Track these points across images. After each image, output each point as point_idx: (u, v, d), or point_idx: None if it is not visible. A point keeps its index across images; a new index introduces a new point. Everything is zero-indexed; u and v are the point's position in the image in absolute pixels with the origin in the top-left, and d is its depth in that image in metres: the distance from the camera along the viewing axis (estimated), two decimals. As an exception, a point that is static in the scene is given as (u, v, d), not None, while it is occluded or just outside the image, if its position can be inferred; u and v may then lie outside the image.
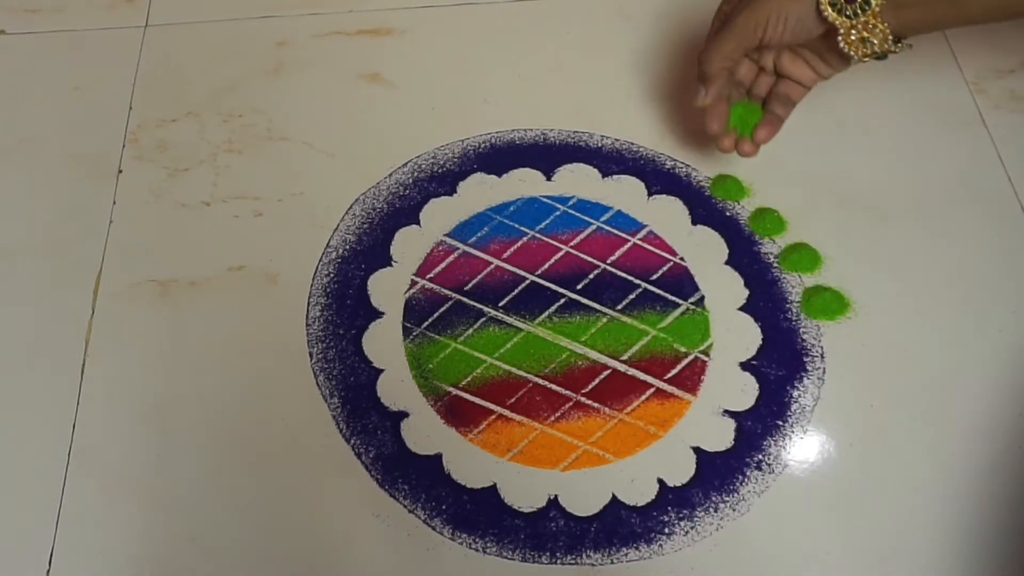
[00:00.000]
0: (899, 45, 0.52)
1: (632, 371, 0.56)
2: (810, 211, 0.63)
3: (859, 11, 0.51)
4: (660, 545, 0.51)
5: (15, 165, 0.65)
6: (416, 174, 0.64)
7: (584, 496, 0.52)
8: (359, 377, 0.56)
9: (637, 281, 0.60)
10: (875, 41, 0.52)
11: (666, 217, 0.62)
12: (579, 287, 0.59)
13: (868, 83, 0.69)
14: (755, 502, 0.52)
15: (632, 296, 0.59)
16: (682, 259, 0.61)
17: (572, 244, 0.61)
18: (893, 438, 0.54)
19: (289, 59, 0.71)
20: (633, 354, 0.57)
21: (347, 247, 0.61)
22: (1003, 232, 0.62)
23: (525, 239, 0.61)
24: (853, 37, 0.52)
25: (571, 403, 0.55)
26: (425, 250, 0.61)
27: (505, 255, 0.61)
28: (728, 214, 0.63)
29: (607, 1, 0.74)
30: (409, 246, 0.61)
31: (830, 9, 0.52)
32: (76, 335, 0.58)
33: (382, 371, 0.56)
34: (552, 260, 0.60)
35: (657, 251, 0.61)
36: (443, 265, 0.60)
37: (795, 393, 0.56)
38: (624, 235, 0.62)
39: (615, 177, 0.64)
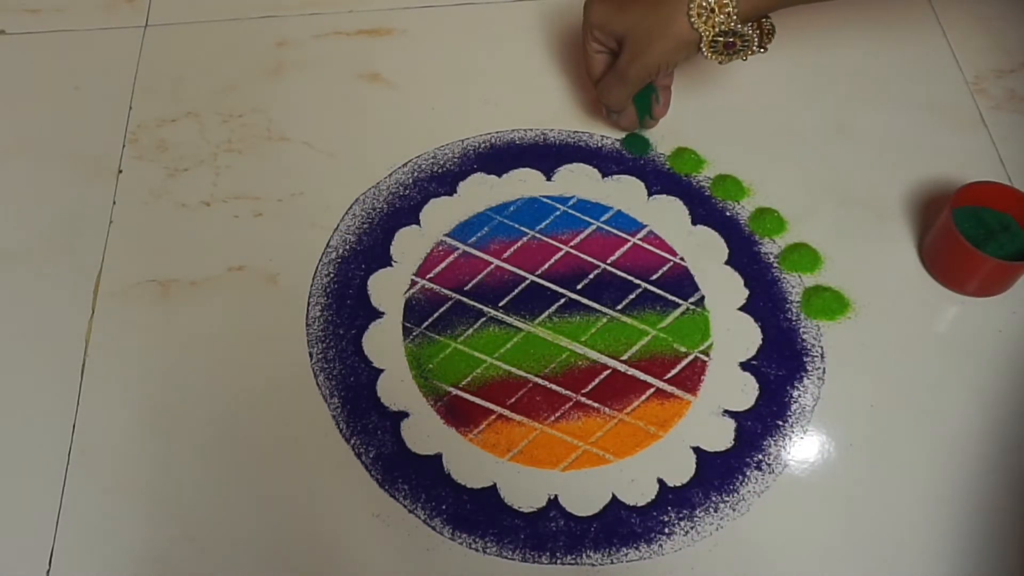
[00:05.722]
0: (756, 37, 0.55)
1: (632, 371, 0.56)
2: (810, 211, 0.63)
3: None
4: (660, 545, 0.51)
5: (15, 165, 0.65)
6: (416, 174, 0.64)
7: (584, 496, 0.52)
8: (359, 377, 0.56)
9: (637, 281, 0.60)
10: (720, 17, 0.53)
11: (666, 217, 0.62)
12: (579, 287, 0.59)
13: (868, 83, 0.69)
14: (755, 502, 0.52)
15: (632, 296, 0.59)
16: (682, 259, 0.61)
17: (572, 244, 0.61)
18: (893, 438, 0.54)
19: (289, 59, 0.70)
20: (633, 354, 0.57)
21: (347, 247, 0.61)
22: (1003, 232, 0.62)
23: (525, 239, 0.61)
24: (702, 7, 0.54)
25: (571, 403, 0.55)
26: (425, 250, 0.61)
27: (505, 255, 0.61)
28: (728, 214, 0.63)
29: (607, 1, 0.74)
30: (409, 246, 0.61)
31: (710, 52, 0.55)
32: (76, 335, 0.57)
33: (382, 371, 0.56)
34: (552, 260, 0.60)
35: (657, 251, 0.61)
36: (443, 265, 0.60)
37: (795, 393, 0.56)
38: (624, 235, 0.62)
39: (615, 177, 0.64)
